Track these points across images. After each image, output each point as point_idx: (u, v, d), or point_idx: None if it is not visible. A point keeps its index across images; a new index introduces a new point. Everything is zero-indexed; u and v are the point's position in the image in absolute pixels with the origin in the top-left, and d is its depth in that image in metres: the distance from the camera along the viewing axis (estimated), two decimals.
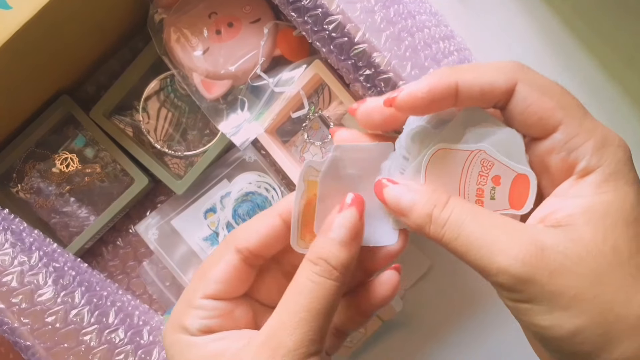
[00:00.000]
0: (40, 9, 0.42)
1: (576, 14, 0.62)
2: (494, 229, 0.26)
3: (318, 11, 0.42)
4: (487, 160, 0.28)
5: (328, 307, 0.28)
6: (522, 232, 0.26)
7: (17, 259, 0.41)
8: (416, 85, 0.27)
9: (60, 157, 0.58)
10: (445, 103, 0.27)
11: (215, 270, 0.31)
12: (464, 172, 0.29)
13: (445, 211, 0.27)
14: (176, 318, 0.31)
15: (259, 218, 0.31)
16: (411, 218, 0.28)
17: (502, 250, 0.25)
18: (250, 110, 0.55)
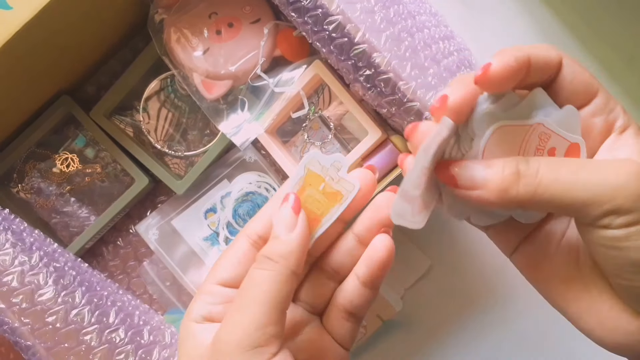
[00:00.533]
0: (40, 9, 0.42)
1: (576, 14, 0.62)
2: (592, 163, 0.26)
3: (318, 11, 0.42)
4: (544, 134, 0.29)
5: (270, 296, 0.28)
6: (619, 159, 0.27)
7: (17, 259, 0.41)
8: (502, 58, 0.27)
9: (60, 157, 0.58)
10: (523, 74, 0.28)
11: (227, 257, 0.32)
12: (522, 147, 0.29)
13: (532, 163, 0.26)
14: (190, 306, 0.32)
15: (267, 204, 0.33)
16: (492, 184, 0.26)
17: (613, 171, 0.25)
18: (250, 111, 0.55)
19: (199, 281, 0.58)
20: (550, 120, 0.29)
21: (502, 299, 0.63)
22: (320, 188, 0.32)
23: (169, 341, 0.45)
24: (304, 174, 0.32)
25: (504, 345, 0.63)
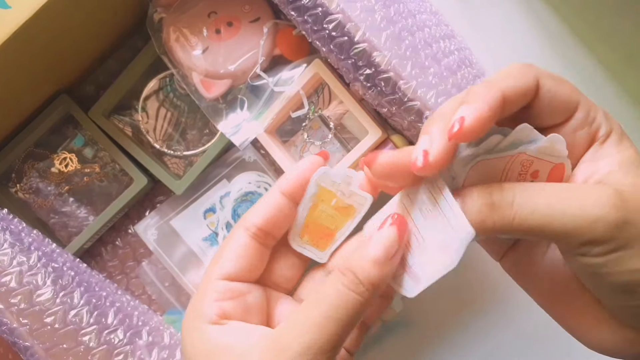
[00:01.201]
0: (39, 8, 0.42)
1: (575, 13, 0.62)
2: (569, 191, 0.26)
3: (318, 10, 0.42)
4: (527, 161, 0.28)
5: (346, 319, 0.27)
6: (596, 186, 0.26)
7: (16, 259, 0.41)
8: (475, 109, 0.26)
9: (59, 157, 0.58)
10: (498, 116, 0.27)
11: (227, 251, 0.31)
12: (503, 176, 0.28)
13: (507, 192, 0.26)
14: (194, 306, 0.31)
15: (263, 197, 0.32)
16: (468, 218, 0.26)
17: (591, 201, 0.25)
18: (249, 110, 0.55)
19: (198, 282, 0.58)
20: (532, 148, 0.28)
21: (502, 299, 0.63)
22: (333, 203, 0.32)
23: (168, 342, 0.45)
24: (316, 191, 0.32)
25: (504, 345, 0.63)
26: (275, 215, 0.32)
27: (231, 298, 0.31)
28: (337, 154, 0.55)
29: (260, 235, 0.32)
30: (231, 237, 0.32)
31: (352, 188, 0.32)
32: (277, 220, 0.32)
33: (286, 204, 0.32)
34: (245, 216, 0.32)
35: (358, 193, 0.32)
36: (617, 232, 0.24)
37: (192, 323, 0.30)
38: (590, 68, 0.61)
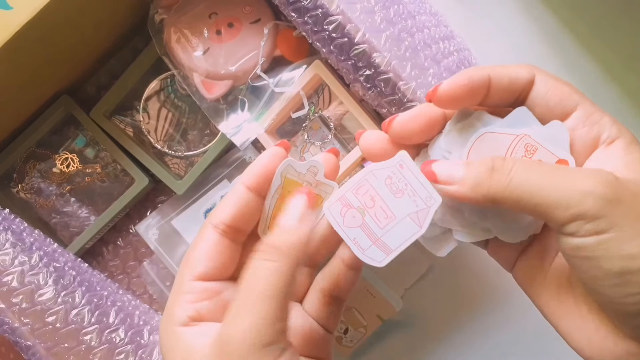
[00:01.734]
0: (40, 9, 0.42)
1: (575, 14, 0.62)
2: (566, 170, 0.26)
3: (318, 12, 0.42)
4: (531, 145, 0.30)
5: (278, 290, 0.27)
6: (591, 169, 0.26)
7: (17, 259, 0.41)
8: (454, 77, 0.29)
9: (60, 157, 0.58)
10: (480, 93, 0.29)
11: (198, 251, 0.31)
12: (507, 153, 0.30)
13: (508, 161, 0.27)
14: (168, 309, 0.30)
15: (229, 193, 0.32)
16: (466, 179, 0.28)
17: (584, 176, 0.25)
18: (250, 111, 0.55)
19: None
20: (535, 132, 0.29)
21: (502, 299, 0.63)
22: None
23: None
24: (281, 182, 0.32)
25: (504, 345, 0.63)
26: (242, 210, 0.31)
27: (207, 299, 0.30)
28: None
29: (230, 232, 0.31)
30: (200, 237, 0.31)
31: (318, 177, 0.32)
32: (245, 215, 0.31)
33: (252, 198, 0.32)
34: (212, 214, 0.32)
35: (324, 182, 0.32)
36: (608, 208, 0.24)
37: (166, 327, 0.30)
38: (590, 69, 0.62)
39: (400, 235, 0.30)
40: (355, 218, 0.31)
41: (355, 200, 0.31)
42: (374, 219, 0.31)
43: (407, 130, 0.31)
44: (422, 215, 0.30)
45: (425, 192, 0.30)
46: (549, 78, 0.29)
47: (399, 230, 0.30)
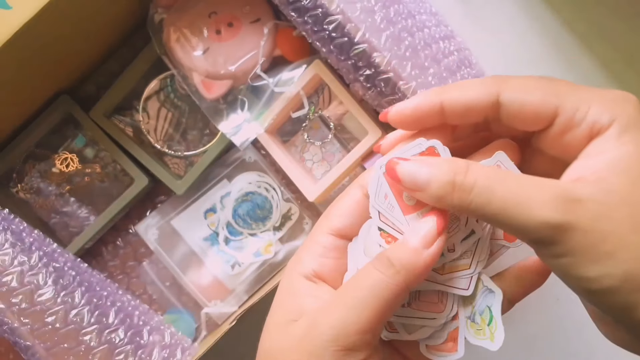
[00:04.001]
0: (40, 9, 0.42)
1: (576, 13, 0.62)
2: (527, 187, 0.25)
3: (318, 11, 0.42)
4: None
5: (377, 303, 0.27)
6: (556, 186, 0.25)
7: (17, 259, 0.41)
8: (404, 104, 0.29)
9: (60, 157, 0.58)
10: (432, 119, 0.29)
11: (339, 205, 0.31)
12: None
13: (469, 177, 0.26)
14: (298, 255, 0.31)
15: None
16: (430, 191, 0.27)
17: (540, 203, 0.25)
18: (250, 110, 0.55)
19: (198, 281, 0.58)
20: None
21: None
22: None
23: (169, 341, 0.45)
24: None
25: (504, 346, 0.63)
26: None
27: (333, 257, 0.31)
28: (337, 154, 0.55)
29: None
30: (346, 193, 0.32)
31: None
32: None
33: None
34: (362, 175, 0.32)
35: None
36: (561, 236, 0.24)
37: (291, 270, 0.31)
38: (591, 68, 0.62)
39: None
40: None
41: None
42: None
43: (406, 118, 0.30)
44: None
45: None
46: (516, 93, 0.27)
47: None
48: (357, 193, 0.31)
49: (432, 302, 0.30)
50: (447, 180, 0.26)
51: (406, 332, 0.30)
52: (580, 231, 0.24)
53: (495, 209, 0.25)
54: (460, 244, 0.29)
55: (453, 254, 0.29)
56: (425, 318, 0.30)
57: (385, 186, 0.29)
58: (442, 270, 0.30)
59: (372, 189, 0.30)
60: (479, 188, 0.26)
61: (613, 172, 0.25)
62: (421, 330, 0.30)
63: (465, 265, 0.30)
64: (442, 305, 0.30)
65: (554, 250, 0.25)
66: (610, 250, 0.24)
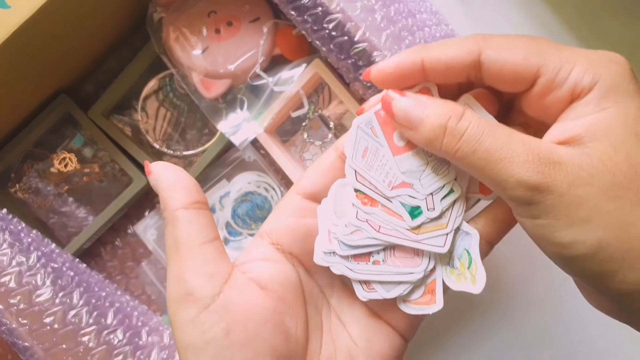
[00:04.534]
0: (38, 8, 0.42)
1: (576, 12, 0.62)
2: (512, 143, 0.25)
3: (318, 10, 0.42)
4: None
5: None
6: (538, 146, 0.25)
7: (15, 259, 0.41)
8: (385, 62, 0.28)
9: (58, 156, 0.58)
10: (413, 78, 0.28)
11: (311, 167, 0.32)
12: None
13: (462, 123, 0.26)
14: (275, 212, 0.32)
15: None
16: (422, 131, 0.27)
17: (522, 162, 0.24)
18: (249, 110, 0.55)
19: None
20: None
21: (502, 299, 0.63)
22: None
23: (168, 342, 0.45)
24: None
25: (505, 345, 0.63)
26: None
27: (295, 217, 0.31)
28: None
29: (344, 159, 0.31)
30: (320, 157, 0.32)
31: None
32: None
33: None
34: (340, 139, 0.32)
35: None
36: (538, 197, 0.24)
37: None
38: None
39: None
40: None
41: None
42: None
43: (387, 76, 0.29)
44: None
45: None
46: (497, 52, 0.27)
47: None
48: (331, 155, 0.31)
49: (408, 256, 0.30)
50: (440, 123, 0.26)
51: (384, 290, 0.30)
52: (556, 194, 0.24)
53: (479, 160, 0.25)
54: (440, 202, 0.29)
55: (434, 212, 0.29)
56: (402, 274, 0.30)
57: (363, 142, 0.29)
58: (417, 230, 0.29)
59: (350, 148, 0.29)
60: (468, 136, 0.25)
61: (592, 137, 0.25)
62: (399, 287, 0.30)
63: (442, 225, 0.29)
64: (418, 260, 0.30)
65: (529, 210, 0.25)
66: (585, 217, 0.24)
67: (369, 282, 0.30)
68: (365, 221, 0.29)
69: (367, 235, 0.29)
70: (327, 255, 0.30)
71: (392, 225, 0.29)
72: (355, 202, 0.29)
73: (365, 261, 0.30)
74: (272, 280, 0.29)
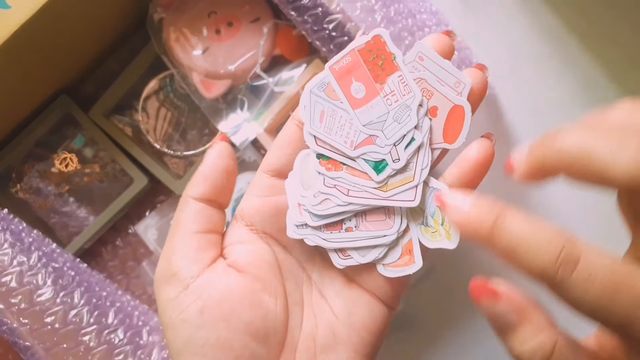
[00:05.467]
0: (39, 8, 0.42)
1: (577, 13, 0.62)
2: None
3: (318, 10, 0.42)
4: (426, 90, 0.28)
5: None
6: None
7: (16, 259, 0.41)
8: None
9: (59, 157, 0.58)
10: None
11: (273, 142, 0.31)
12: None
13: (504, 225, 0.23)
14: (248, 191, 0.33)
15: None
16: (468, 223, 0.24)
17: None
18: (249, 110, 0.55)
19: None
20: (431, 75, 0.28)
21: None
22: None
23: None
24: None
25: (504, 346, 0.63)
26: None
27: (261, 196, 0.31)
28: None
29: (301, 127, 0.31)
30: (281, 131, 0.31)
31: None
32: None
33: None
34: (297, 108, 0.31)
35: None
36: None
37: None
38: (592, 68, 0.61)
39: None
40: None
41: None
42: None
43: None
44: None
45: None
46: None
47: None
48: (290, 126, 0.30)
49: (380, 219, 0.29)
50: (489, 224, 0.23)
51: (360, 256, 0.29)
52: None
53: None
54: (404, 151, 0.29)
55: (399, 162, 0.29)
56: (376, 237, 0.29)
57: (319, 106, 0.29)
58: (385, 187, 0.29)
59: (306, 113, 0.29)
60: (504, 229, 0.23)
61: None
62: (374, 251, 0.29)
63: (409, 178, 0.29)
64: (390, 221, 0.29)
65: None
66: None
67: (344, 250, 0.29)
68: (333, 187, 0.29)
69: (337, 202, 0.29)
70: (300, 227, 0.29)
71: (360, 187, 0.29)
72: (319, 169, 0.29)
73: (338, 229, 0.29)
74: (248, 262, 0.30)
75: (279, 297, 0.29)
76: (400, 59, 0.28)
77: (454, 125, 0.29)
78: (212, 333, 0.27)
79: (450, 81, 0.28)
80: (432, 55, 0.28)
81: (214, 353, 0.27)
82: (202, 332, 0.27)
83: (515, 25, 0.62)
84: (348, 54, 0.29)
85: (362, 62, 0.29)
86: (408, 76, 0.28)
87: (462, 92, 0.28)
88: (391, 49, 0.28)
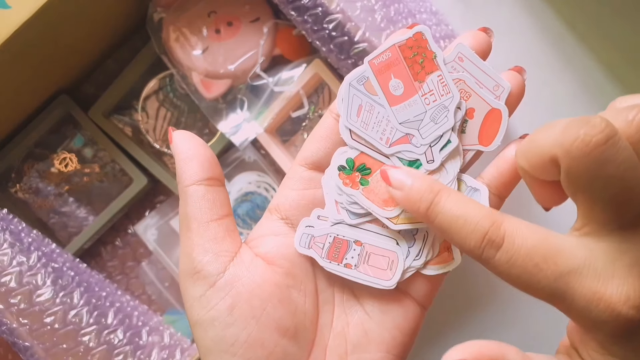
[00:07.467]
0: (39, 8, 0.42)
1: (578, 13, 0.61)
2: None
3: (318, 10, 0.42)
4: (465, 91, 0.28)
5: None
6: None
7: (15, 259, 0.41)
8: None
9: (59, 157, 0.58)
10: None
11: (311, 135, 0.31)
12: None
13: (438, 201, 0.25)
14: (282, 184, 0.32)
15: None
16: (409, 196, 0.25)
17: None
18: (249, 110, 0.55)
19: None
20: (470, 77, 0.28)
21: (502, 299, 0.63)
22: None
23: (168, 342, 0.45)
24: None
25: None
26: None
27: (299, 189, 0.30)
28: None
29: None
30: (318, 124, 0.30)
31: None
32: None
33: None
34: (334, 101, 0.30)
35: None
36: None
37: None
38: (592, 69, 0.61)
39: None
40: None
41: None
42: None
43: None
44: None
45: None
46: None
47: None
48: (327, 119, 0.29)
49: (381, 268, 0.29)
50: (427, 198, 0.25)
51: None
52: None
53: (447, 225, 0.24)
54: (439, 153, 0.28)
55: (433, 164, 0.28)
56: (372, 282, 0.29)
57: (357, 100, 0.28)
58: (396, 219, 0.29)
59: (343, 106, 0.28)
60: (442, 207, 0.24)
61: None
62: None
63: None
64: (390, 273, 0.29)
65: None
66: None
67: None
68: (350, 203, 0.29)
69: (347, 220, 0.29)
70: (325, 228, 0.29)
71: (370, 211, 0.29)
72: (337, 181, 0.29)
73: (338, 262, 0.29)
74: (279, 255, 0.29)
75: (309, 293, 0.29)
76: (440, 58, 0.28)
77: (490, 127, 0.28)
78: (243, 331, 0.27)
79: (489, 84, 0.28)
80: (472, 56, 0.28)
81: (245, 351, 0.27)
82: (232, 329, 0.27)
83: (516, 24, 0.62)
84: (388, 49, 0.28)
85: (402, 58, 0.28)
86: (448, 76, 0.28)
87: (501, 96, 0.28)
88: (432, 47, 0.28)
